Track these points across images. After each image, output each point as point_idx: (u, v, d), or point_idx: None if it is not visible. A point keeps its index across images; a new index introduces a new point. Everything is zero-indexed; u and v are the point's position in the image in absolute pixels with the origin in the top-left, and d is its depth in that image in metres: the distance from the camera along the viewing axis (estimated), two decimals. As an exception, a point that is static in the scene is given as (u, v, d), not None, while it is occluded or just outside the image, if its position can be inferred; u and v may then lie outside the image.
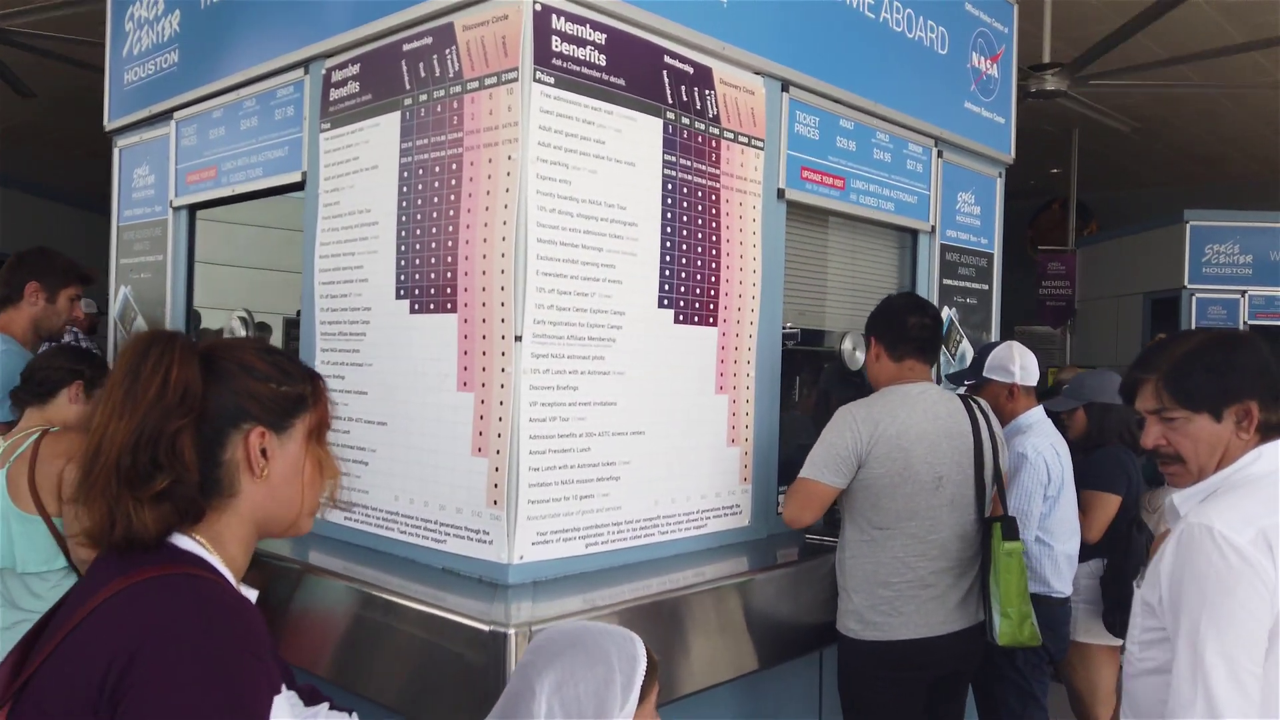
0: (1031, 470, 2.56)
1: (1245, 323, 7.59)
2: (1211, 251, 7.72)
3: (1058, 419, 3.00)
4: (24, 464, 2.26)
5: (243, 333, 2.86)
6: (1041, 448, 2.59)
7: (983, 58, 3.36)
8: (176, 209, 3.06)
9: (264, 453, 1.08)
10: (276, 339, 3.28)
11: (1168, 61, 6.22)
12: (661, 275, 2.26)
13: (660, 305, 2.26)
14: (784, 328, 2.66)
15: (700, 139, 2.35)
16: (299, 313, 3.28)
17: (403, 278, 2.22)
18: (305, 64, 2.54)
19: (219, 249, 3.22)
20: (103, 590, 0.99)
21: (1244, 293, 7.59)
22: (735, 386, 2.46)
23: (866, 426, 2.20)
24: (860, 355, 2.84)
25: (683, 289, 2.31)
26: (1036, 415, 2.70)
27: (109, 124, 3.41)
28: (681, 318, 2.31)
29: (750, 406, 2.50)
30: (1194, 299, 7.66)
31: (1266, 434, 1.43)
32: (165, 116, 3.10)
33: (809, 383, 3.13)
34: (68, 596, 1.06)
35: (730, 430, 2.45)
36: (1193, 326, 7.65)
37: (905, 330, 2.36)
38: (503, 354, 1.99)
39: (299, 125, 2.57)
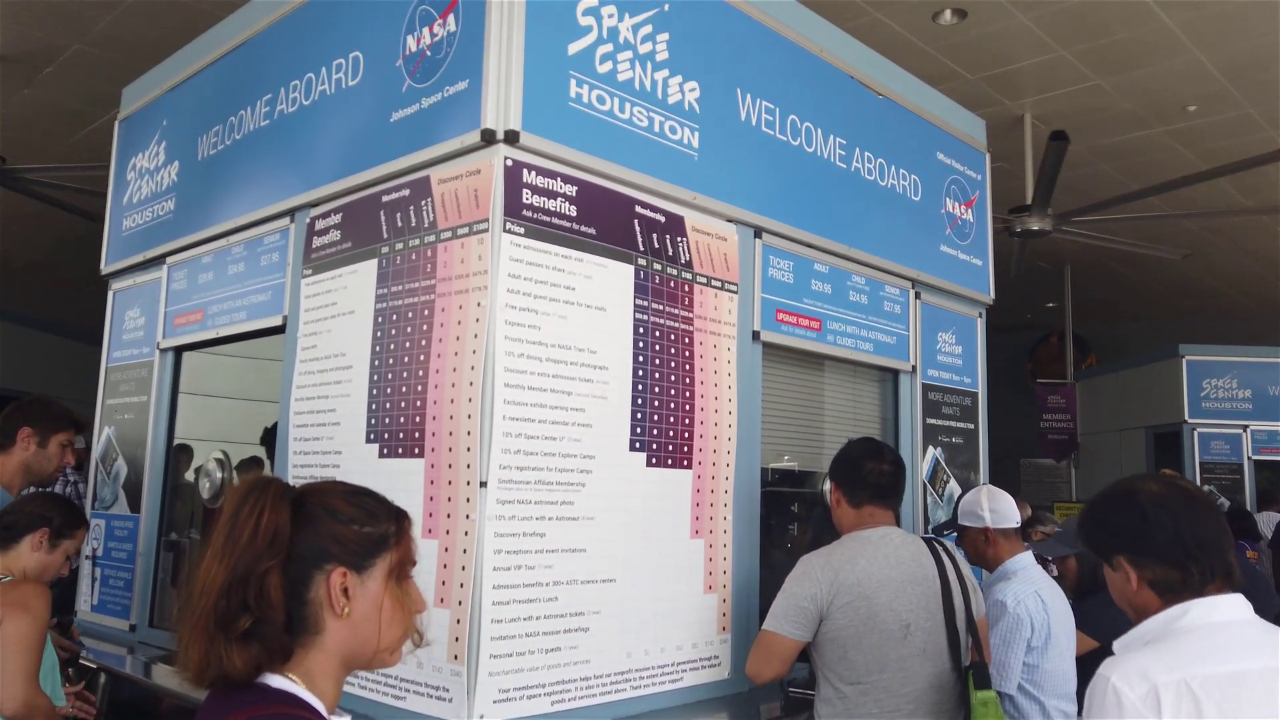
0: (1010, 619, 2.46)
1: (1250, 458, 7.51)
2: (1210, 386, 7.73)
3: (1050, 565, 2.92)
4: None
5: (219, 474, 2.84)
6: (1023, 595, 2.50)
7: (957, 203, 3.45)
8: (163, 350, 3.09)
9: (345, 591, 1.14)
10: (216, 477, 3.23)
11: (1141, 194, 6.39)
12: (633, 418, 2.25)
13: (632, 448, 2.24)
14: (771, 467, 2.63)
15: (673, 284, 2.39)
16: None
17: (373, 421, 2.21)
18: (291, 213, 2.62)
19: (202, 380, 3.24)
20: None
21: (1245, 428, 7.54)
22: (712, 530, 2.41)
23: (826, 575, 2.13)
24: (840, 497, 2.79)
25: (655, 431, 2.30)
26: (1023, 561, 2.62)
27: (105, 268, 3.50)
28: (654, 460, 2.29)
29: (728, 551, 2.44)
30: (1195, 433, 7.61)
31: (1176, 591, 1.42)
32: (158, 261, 3.18)
33: (799, 524, 3.07)
34: None
35: (707, 576, 2.38)
36: (1196, 461, 7.57)
37: (863, 476, 2.32)
38: (467, 500, 1.96)
39: (283, 271, 2.63)
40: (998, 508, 2.63)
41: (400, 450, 2.13)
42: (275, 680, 1.10)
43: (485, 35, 2.09)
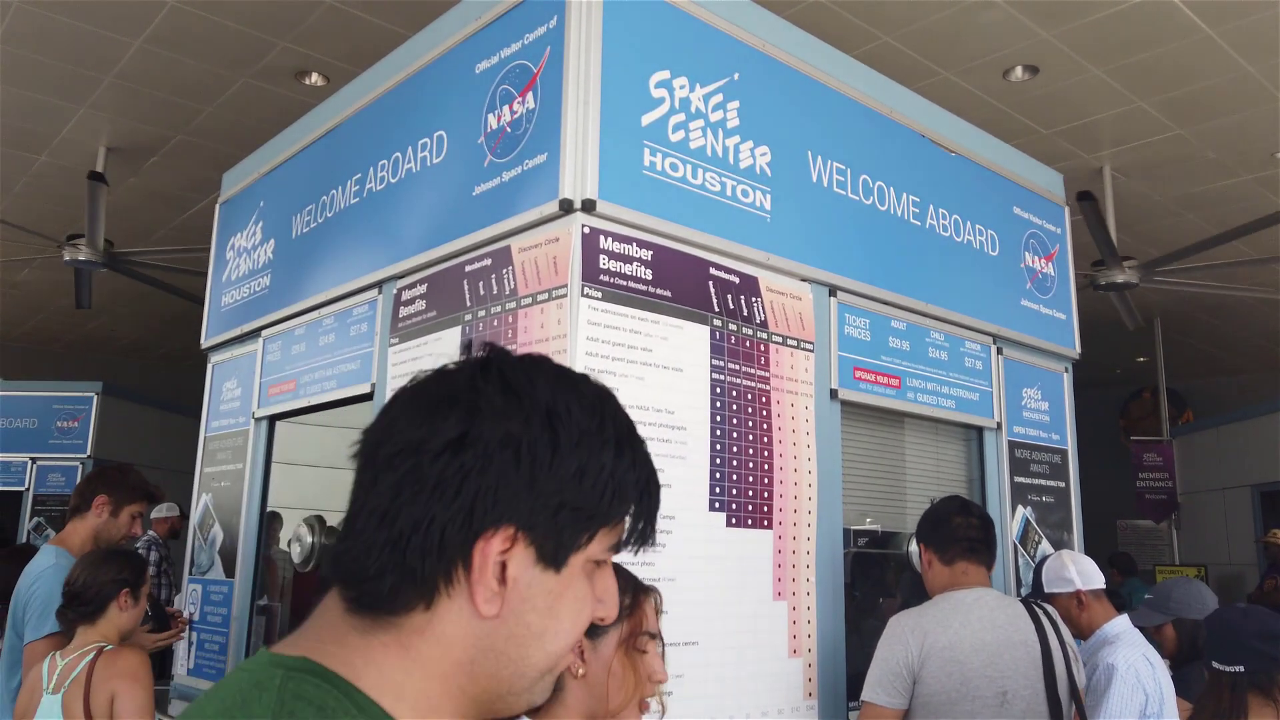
0: (1122, 684, 2.34)
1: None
2: (1319, 440, 7.33)
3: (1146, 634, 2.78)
4: (79, 688, 2.26)
5: (310, 538, 2.92)
6: (1133, 660, 2.38)
7: (1036, 257, 3.41)
8: (258, 419, 3.22)
9: (582, 655, 1.24)
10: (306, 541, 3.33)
11: (1226, 236, 6.18)
12: (712, 478, 2.25)
13: (711, 508, 2.23)
14: (854, 528, 2.59)
15: (748, 343, 2.41)
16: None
17: (457, 484, 2.26)
18: (379, 284, 2.74)
19: (288, 449, 3.35)
20: None
21: (1359, 483, 7.11)
22: (795, 592, 2.37)
23: (915, 637, 2.07)
24: (927, 558, 2.72)
25: (734, 491, 2.29)
26: (1122, 625, 2.50)
27: (205, 342, 3.68)
28: (734, 520, 2.28)
29: (812, 614, 2.39)
30: (1306, 491, 7.20)
31: None
32: (254, 334, 3.34)
33: (887, 588, 3.00)
34: None
35: (791, 640, 2.34)
36: (1309, 521, 7.15)
37: (952, 531, 2.27)
38: (550, 561, 1.97)
39: (371, 340, 2.73)
40: (1084, 569, 2.54)
41: (484, 512, 2.16)
42: None
43: (562, 111, 2.18)
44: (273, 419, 3.21)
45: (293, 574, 3.15)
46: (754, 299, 2.45)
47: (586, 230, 2.13)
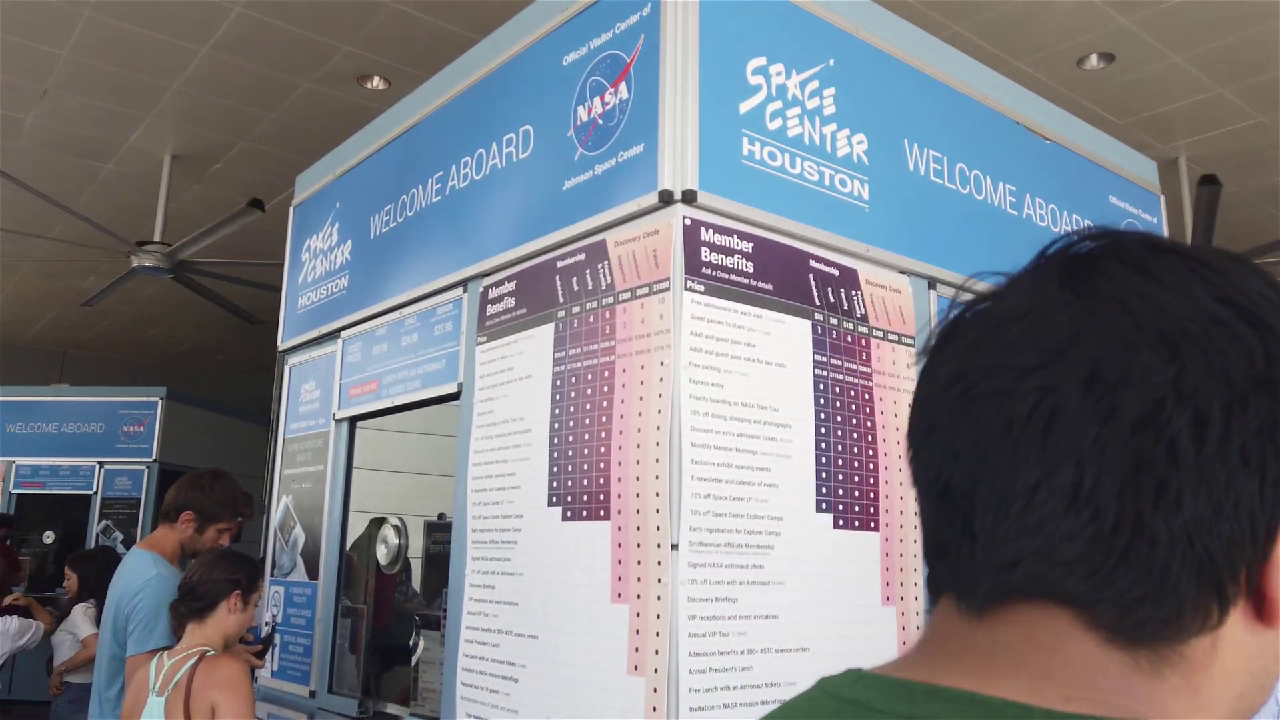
0: None
1: None
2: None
3: None
4: (180, 694, 2.26)
5: (395, 540, 2.89)
6: None
7: (1132, 247, 3.28)
8: (338, 421, 3.21)
9: None
10: (417, 542, 3.32)
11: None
12: (819, 477, 2.17)
13: (819, 509, 2.16)
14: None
15: (850, 338, 2.32)
16: (440, 515, 3.34)
17: (554, 484, 2.21)
18: (464, 283, 2.70)
19: (367, 456, 3.34)
20: None
21: None
22: (903, 597, 2.28)
23: None
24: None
25: (841, 491, 2.21)
26: None
27: (282, 344, 3.68)
28: (841, 522, 2.20)
29: (920, 620, 2.30)
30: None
31: None
32: (333, 336, 3.32)
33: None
34: None
35: (901, 646, 2.25)
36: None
37: None
38: (658, 563, 1.91)
39: (456, 339, 2.70)
40: None
41: (585, 513, 2.11)
42: None
43: (660, 100, 2.12)
44: (353, 420, 3.20)
45: (375, 575, 3.13)
46: (854, 292, 2.37)
47: (688, 222, 2.07)
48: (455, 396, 2.65)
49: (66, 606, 5.36)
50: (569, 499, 2.16)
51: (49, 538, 8.44)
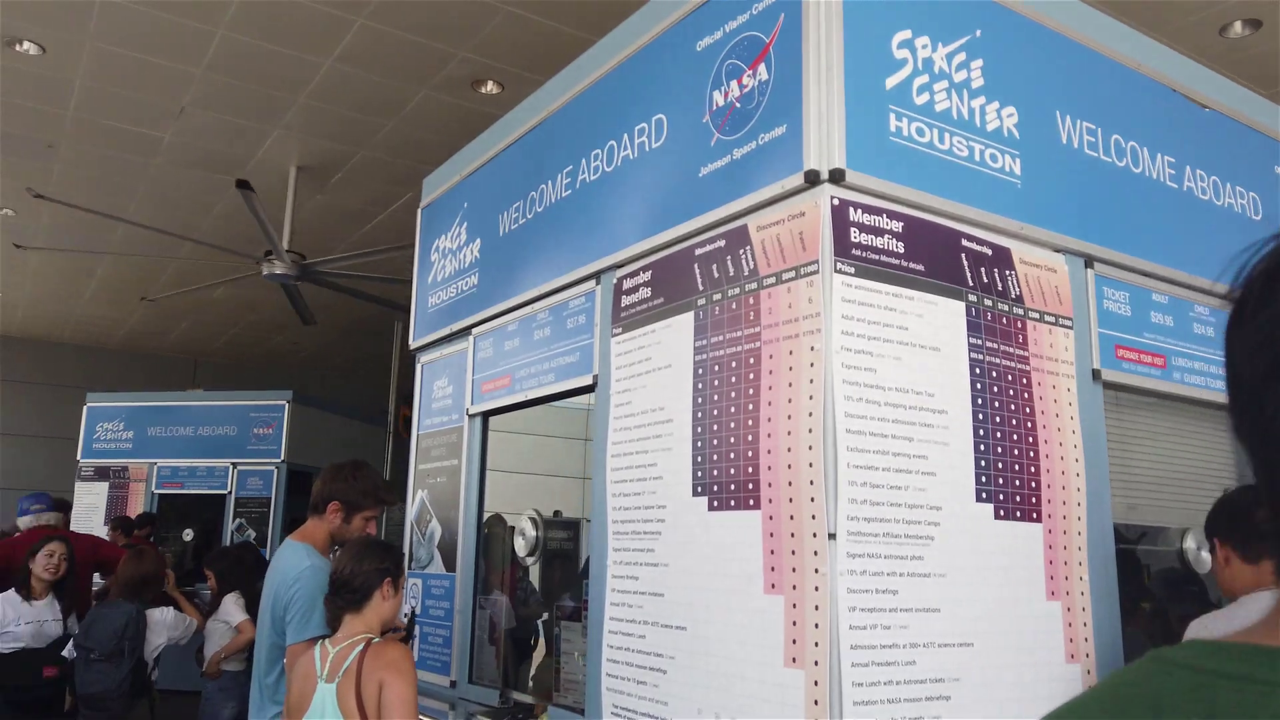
0: None
1: None
2: None
3: None
4: (351, 679, 2.32)
5: (533, 532, 2.91)
6: None
7: (1303, 220, 3.04)
8: (472, 416, 3.25)
9: None
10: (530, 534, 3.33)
11: None
12: (977, 465, 2.07)
13: (979, 499, 2.06)
14: (1121, 523, 2.36)
15: (1005, 320, 2.22)
16: (555, 513, 3.34)
17: (699, 474, 2.18)
18: (597, 275, 2.69)
19: (493, 456, 3.37)
20: None
21: None
22: (1069, 591, 2.16)
23: None
24: (1206, 556, 2.45)
25: (1001, 480, 2.11)
26: None
27: (414, 343, 3.76)
28: (1002, 513, 2.09)
29: (1088, 615, 2.18)
30: None
31: None
32: (464, 333, 3.37)
33: (1140, 591, 2.73)
34: None
35: (1068, 644, 2.13)
36: None
37: (1257, 526, 2.01)
38: (814, 553, 1.86)
39: (590, 332, 2.69)
40: None
41: (733, 502, 2.07)
42: None
43: (803, 79, 2.07)
44: (486, 415, 3.24)
45: (510, 566, 3.16)
46: (1008, 272, 2.26)
47: (836, 202, 2.01)
48: (591, 389, 2.64)
49: (211, 601, 5.63)
50: (715, 488, 2.12)
51: (188, 535, 8.90)
